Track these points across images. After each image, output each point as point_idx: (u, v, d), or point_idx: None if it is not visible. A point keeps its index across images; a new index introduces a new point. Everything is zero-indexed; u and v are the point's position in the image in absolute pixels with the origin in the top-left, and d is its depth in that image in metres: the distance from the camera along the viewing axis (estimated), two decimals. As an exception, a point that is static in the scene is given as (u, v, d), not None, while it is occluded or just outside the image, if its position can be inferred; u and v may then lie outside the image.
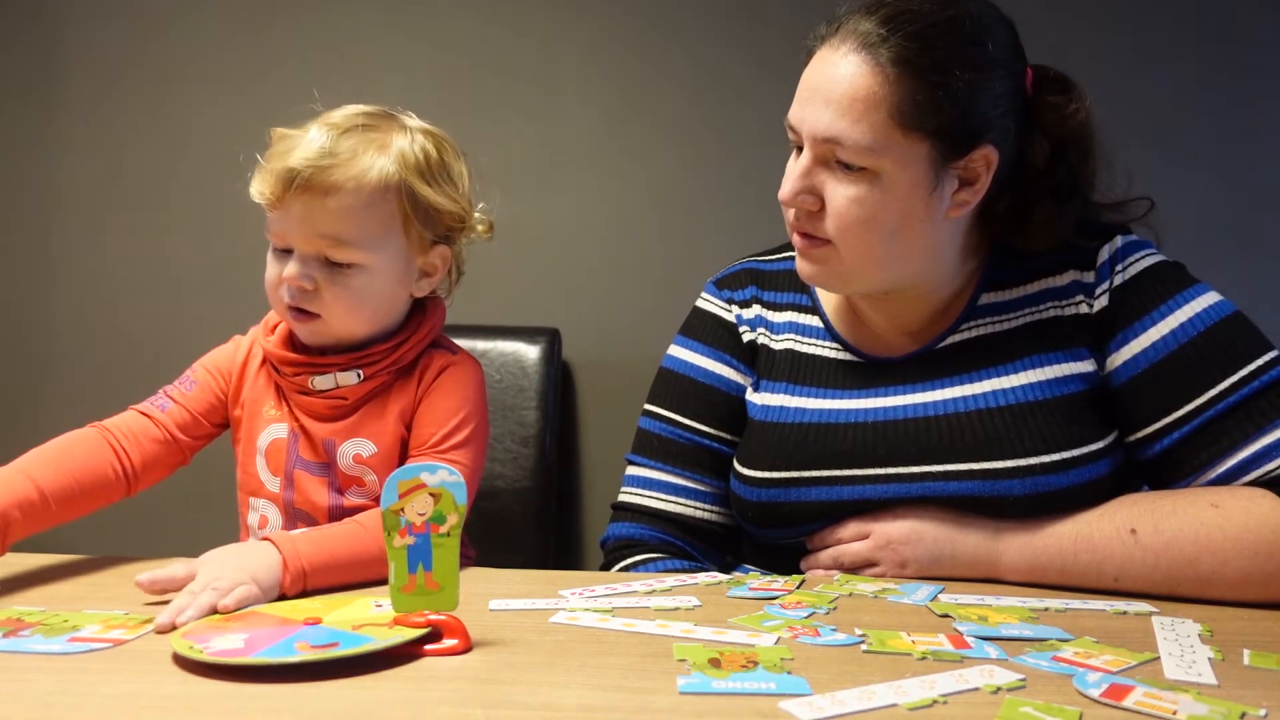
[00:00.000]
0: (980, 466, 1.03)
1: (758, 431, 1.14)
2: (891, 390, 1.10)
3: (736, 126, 1.86)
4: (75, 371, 1.96)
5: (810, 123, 1.02)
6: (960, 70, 0.99)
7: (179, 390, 1.15)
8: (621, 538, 1.18)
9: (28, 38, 1.94)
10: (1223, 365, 1.00)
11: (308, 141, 1.07)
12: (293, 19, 1.90)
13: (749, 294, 1.22)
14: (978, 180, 1.04)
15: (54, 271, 1.96)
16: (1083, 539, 0.99)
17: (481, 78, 1.88)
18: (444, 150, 1.15)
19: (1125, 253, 1.07)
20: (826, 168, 1.03)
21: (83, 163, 1.95)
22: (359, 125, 1.10)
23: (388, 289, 1.11)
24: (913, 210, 1.02)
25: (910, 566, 1.03)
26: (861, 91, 0.99)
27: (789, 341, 1.17)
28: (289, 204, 1.06)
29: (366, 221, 1.07)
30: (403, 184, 1.08)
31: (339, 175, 1.05)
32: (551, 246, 1.88)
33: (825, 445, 1.09)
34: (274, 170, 1.06)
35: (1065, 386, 1.04)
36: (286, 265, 1.08)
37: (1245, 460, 0.98)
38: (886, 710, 0.66)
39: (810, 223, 1.05)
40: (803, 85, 1.05)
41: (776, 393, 1.15)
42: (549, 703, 0.68)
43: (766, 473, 1.10)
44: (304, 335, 1.11)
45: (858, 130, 0.99)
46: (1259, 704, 0.67)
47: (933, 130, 0.99)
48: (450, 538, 0.80)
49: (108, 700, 0.68)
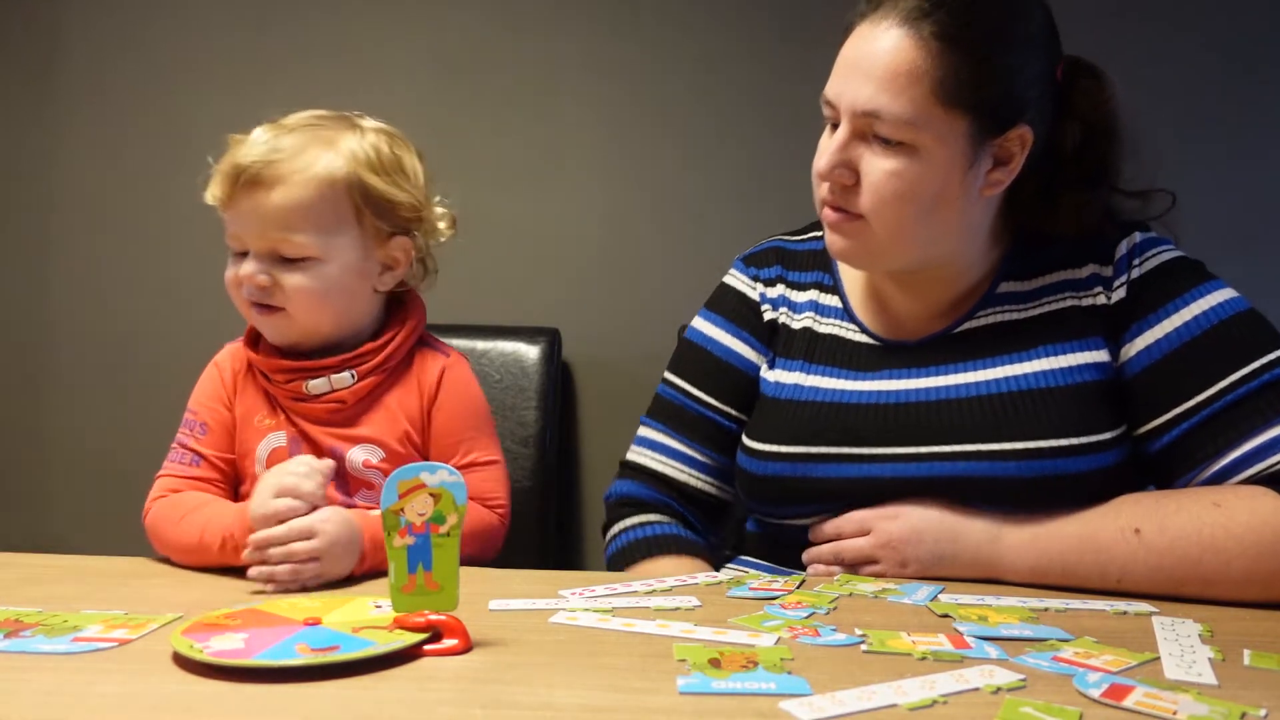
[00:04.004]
0: (989, 448, 1.03)
1: (770, 407, 1.15)
2: (905, 373, 1.10)
3: (736, 126, 1.86)
4: (73, 370, 1.96)
5: (850, 96, 1.02)
6: (1003, 47, 1.01)
7: (194, 439, 1.14)
8: (624, 495, 1.23)
9: (26, 36, 1.94)
10: (1233, 359, 1.01)
11: (253, 140, 1.10)
12: (293, 18, 1.90)
13: (774, 273, 1.23)
14: (1012, 160, 1.04)
15: (52, 270, 1.96)
16: (1086, 538, 0.99)
17: (481, 78, 1.88)
18: (396, 146, 1.15)
19: (1143, 247, 1.08)
20: (864, 142, 1.03)
21: (81, 162, 1.95)
22: (307, 124, 1.12)
23: (346, 281, 1.11)
24: (949, 187, 1.03)
25: (911, 566, 1.03)
26: (904, 65, 0.99)
27: (807, 320, 1.18)
28: (238, 202, 1.08)
29: (315, 213, 1.08)
30: (351, 176, 1.09)
31: (284, 169, 1.07)
32: (551, 246, 1.88)
33: (836, 423, 1.09)
34: (221, 170, 1.09)
35: (1079, 375, 1.04)
36: (243, 265, 1.09)
37: (1249, 453, 0.98)
38: (886, 710, 0.66)
39: (844, 197, 1.05)
40: (842, 60, 1.05)
41: (791, 370, 1.16)
42: (549, 703, 0.68)
43: (775, 446, 1.11)
44: (270, 333, 1.12)
45: (899, 104, 0.99)
46: (1259, 704, 0.67)
47: (973, 106, 1.00)
48: (450, 538, 0.80)
49: (108, 700, 0.68)
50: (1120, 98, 1.09)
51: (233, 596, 0.94)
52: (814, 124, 1.06)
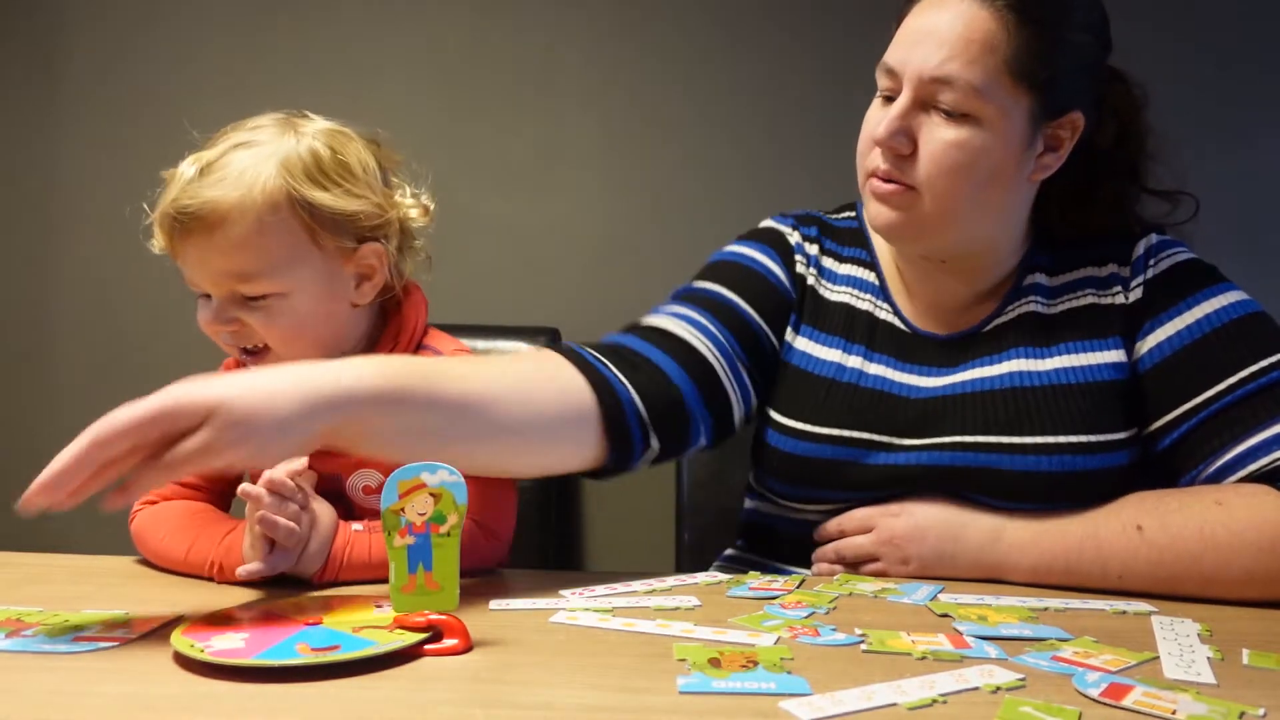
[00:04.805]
0: (1010, 440, 1.03)
1: (802, 381, 1.13)
2: (939, 370, 1.10)
3: (736, 126, 1.86)
4: (73, 370, 1.96)
5: (917, 63, 1.01)
6: (1073, 28, 1.02)
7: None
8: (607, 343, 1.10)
9: (27, 37, 1.94)
10: (1239, 358, 1.01)
11: (180, 179, 1.00)
12: (293, 19, 1.90)
13: (814, 232, 1.20)
14: (1061, 146, 1.05)
15: (53, 271, 1.96)
16: (1088, 536, 0.99)
17: (481, 78, 1.89)
18: (339, 147, 1.05)
19: (1159, 249, 1.09)
20: (925, 111, 1.02)
21: (82, 163, 1.95)
22: (236, 145, 1.02)
23: (320, 308, 1.04)
24: (1005, 164, 1.02)
25: (912, 564, 1.03)
26: (979, 34, 0.99)
27: (845, 295, 1.16)
28: (183, 250, 1.01)
29: (265, 247, 0.99)
30: (293, 196, 1.00)
31: (219, 206, 0.97)
32: (551, 246, 1.88)
33: (874, 410, 1.09)
34: (157, 219, 1.01)
35: (1098, 374, 1.05)
36: (208, 311, 1.03)
37: (1250, 450, 0.98)
38: (886, 710, 0.66)
39: (899, 166, 1.03)
40: (907, 29, 1.04)
41: (830, 346, 1.14)
42: (549, 703, 0.68)
43: (813, 426, 1.10)
44: None
45: (971, 71, 0.99)
46: (1258, 704, 0.67)
47: (1040, 84, 1.00)
48: (450, 538, 0.80)
49: (108, 700, 0.68)
50: (1144, 98, 1.11)
51: (233, 597, 0.93)
52: (814, 124, 1.06)
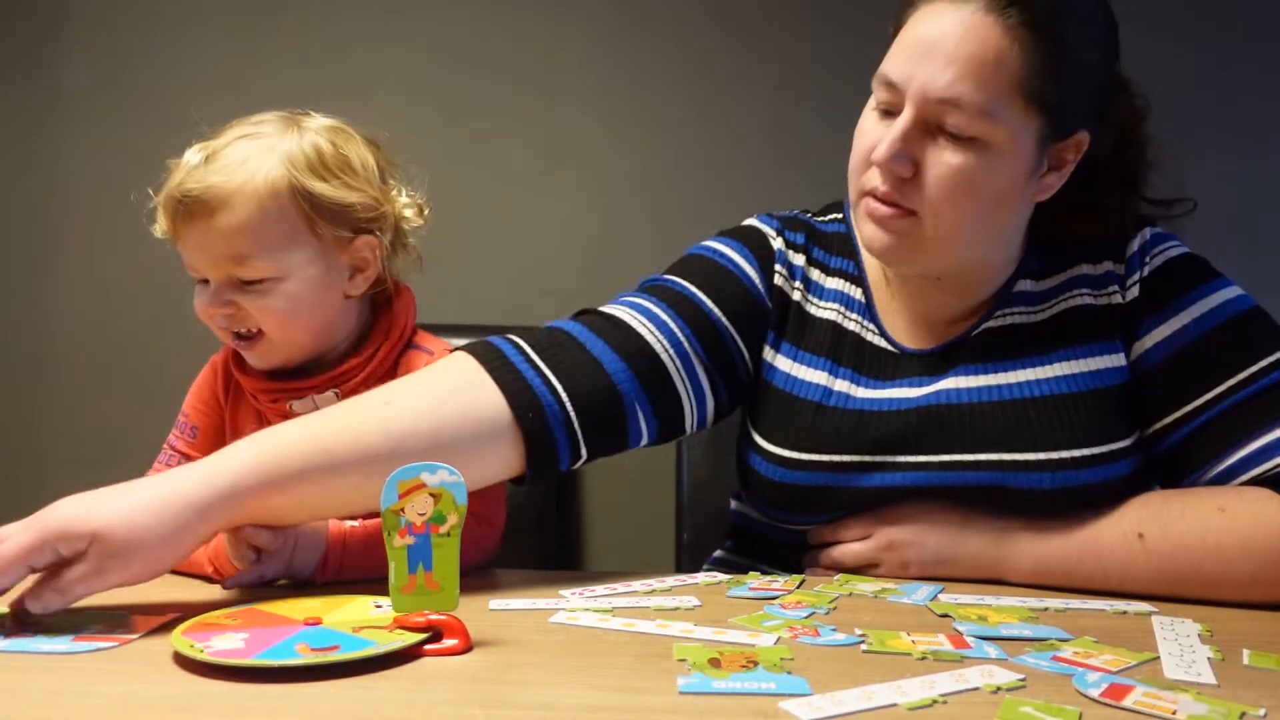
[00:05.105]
0: (1011, 457, 1.01)
1: (786, 405, 1.08)
2: (927, 380, 1.06)
3: (735, 127, 1.86)
4: (73, 370, 1.96)
5: (923, 81, 0.94)
6: (1086, 48, 0.97)
7: (185, 441, 1.13)
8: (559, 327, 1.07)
9: (28, 37, 1.94)
10: (1239, 359, 1.00)
11: (185, 165, 1.04)
12: (293, 19, 1.90)
13: (801, 239, 1.14)
14: (1064, 166, 1.01)
15: (53, 271, 1.96)
16: (1089, 543, 0.98)
17: (481, 79, 1.89)
18: (342, 142, 1.09)
19: (1153, 244, 1.06)
20: (929, 132, 0.96)
21: (82, 163, 1.95)
22: (240, 136, 1.06)
23: (314, 295, 1.07)
24: (1011, 187, 0.98)
25: (912, 568, 1.03)
26: (990, 54, 0.92)
27: (833, 313, 1.11)
28: (184, 234, 1.04)
29: (263, 234, 1.03)
30: (294, 185, 1.04)
31: (222, 191, 1.01)
32: (551, 246, 1.88)
33: (859, 432, 1.05)
34: (161, 202, 1.04)
35: (1100, 380, 1.03)
36: (206, 295, 1.06)
37: (1253, 454, 0.98)
38: (886, 710, 0.66)
39: (899, 189, 0.97)
40: (912, 40, 0.96)
41: (816, 368, 1.09)
42: (549, 703, 0.68)
43: (800, 454, 1.06)
44: (255, 360, 1.10)
45: (981, 94, 0.92)
46: (1259, 704, 0.67)
47: (1050, 105, 0.95)
48: (450, 538, 0.80)
49: (108, 700, 0.68)
50: (1147, 107, 1.07)
51: (233, 597, 0.93)
52: (813, 126, 1.05)
